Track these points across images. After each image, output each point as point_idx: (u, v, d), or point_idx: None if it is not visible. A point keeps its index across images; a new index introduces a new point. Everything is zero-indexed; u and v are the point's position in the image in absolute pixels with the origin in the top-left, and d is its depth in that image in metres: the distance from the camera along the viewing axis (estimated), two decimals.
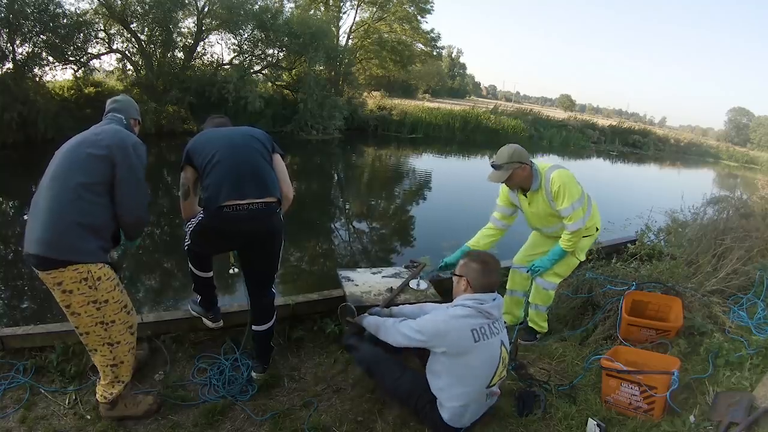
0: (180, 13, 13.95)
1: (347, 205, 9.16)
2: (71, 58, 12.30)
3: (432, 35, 24.79)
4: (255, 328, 2.27)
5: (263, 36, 15.47)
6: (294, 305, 2.74)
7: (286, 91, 16.89)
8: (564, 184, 2.42)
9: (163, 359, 2.40)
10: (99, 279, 1.75)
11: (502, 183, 2.57)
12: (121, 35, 13.52)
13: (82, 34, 12.20)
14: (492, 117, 22.33)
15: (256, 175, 1.99)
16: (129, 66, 14.17)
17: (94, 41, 12.81)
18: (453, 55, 57.89)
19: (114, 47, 13.50)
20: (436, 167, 14.18)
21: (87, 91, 12.74)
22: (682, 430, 1.88)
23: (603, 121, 30.51)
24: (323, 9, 21.40)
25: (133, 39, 13.59)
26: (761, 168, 26.84)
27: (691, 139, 32.33)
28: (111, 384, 1.92)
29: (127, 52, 13.84)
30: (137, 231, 1.95)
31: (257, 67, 16.35)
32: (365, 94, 22.29)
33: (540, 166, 2.53)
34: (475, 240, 2.80)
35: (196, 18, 14.47)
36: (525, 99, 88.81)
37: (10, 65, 10.91)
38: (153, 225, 6.38)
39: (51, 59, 11.69)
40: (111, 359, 1.88)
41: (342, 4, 21.57)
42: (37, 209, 1.72)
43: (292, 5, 19.50)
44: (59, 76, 12.50)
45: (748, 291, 3.10)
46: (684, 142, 29.97)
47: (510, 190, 2.65)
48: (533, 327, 2.84)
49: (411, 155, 16.39)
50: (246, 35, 15.44)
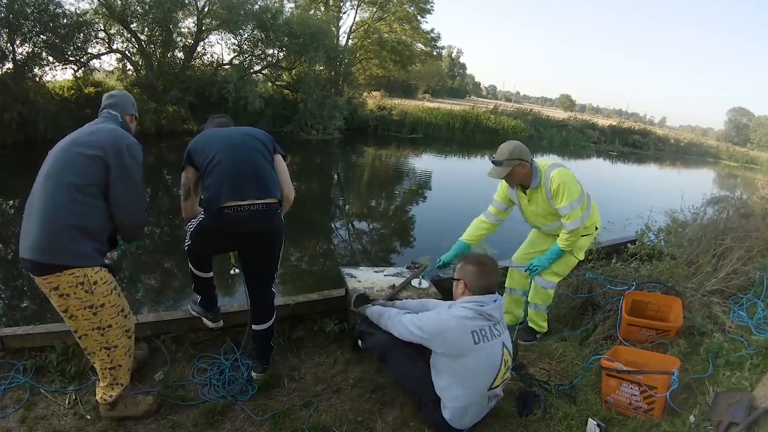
0: (180, 13, 13.96)
1: (347, 205, 9.16)
2: (71, 58, 12.32)
3: (432, 35, 24.86)
4: (255, 327, 2.27)
5: (263, 36, 15.48)
6: (294, 305, 2.74)
7: (286, 91, 16.90)
8: (563, 182, 2.43)
9: (163, 359, 2.40)
10: (95, 283, 1.72)
11: (501, 179, 2.57)
12: (121, 35, 13.54)
13: (82, 34, 12.21)
14: (492, 117, 22.36)
15: (256, 176, 1.99)
16: (129, 66, 14.19)
17: (94, 41, 12.84)
18: (453, 55, 57.92)
19: (114, 47, 13.53)
20: (436, 167, 14.18)
21: (87, 91, 12.75)
22: (682, 430, 1.88)
23: (603, 121, 30.53)
24: (323, 9, 21.41)
25: (133, 39, 13.61)
26: (761, 168, 26.84)
27: (691, 139, 32.36)
28: (110, 386, 1.92)
29: (127, 52, 13.85)
30: (134, 234, 1.91)
31: (257, 67, 16.38)
32: (365, 94, 22.31)
33: (540, 164, 2.54)
34: (468, 233, 2.80)
35: (196, 18, 14.49)
36: (525, 99, 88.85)
37: (10, 65, 10.92)
38: (153, 225, 6.39)
39: (51, 59, 11.70)
40: (109, 362, 1.87)
41: (342, 4, 21.59)
42: (31, 211, 1.68)
43: (292, 5, 19.58)
44: (59, 76, 12.56)
45: (748, 291, 3.09)
46: (684, 142, 30.00)
47: (510, 187, 2.66)
48: (533, 327, 2.85)
49: (411, 155, 16.39)
50: (246, 35, 15.47)
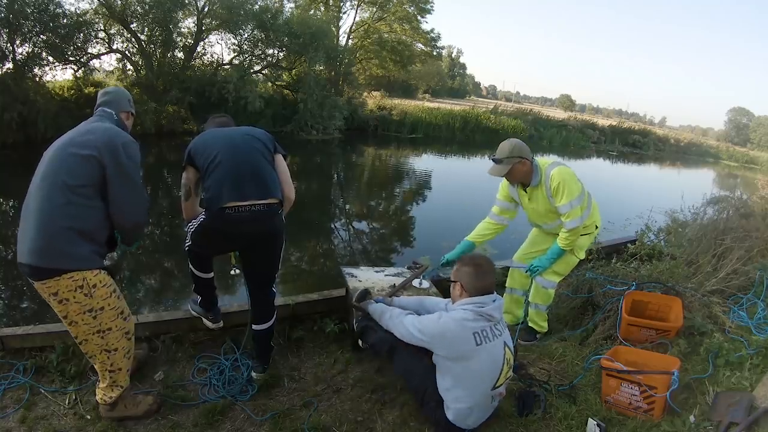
0: (180, 13, 13.97)
1: (347, 205, 9.16)
2: (71, 58, 12.32)
3: (432, 35, 24.87)
4: (255, 327, 2.27)
5: (263, 36, 15.49)
6: (294, 305, 2.74)
7: (286, 91, 16.90)
8: (564, 180, 2.43)
9: (163, 359, 2.40)
10: (95, 286, 1.71)
11: (502, 177, 2.57)
12: (121, 35, 13.54)
13: (82, 34, 12.21)
14: (492, 117, 22.34)
15: (256, 176, 1.99)
16: (129, 66, 14.20)
17: (94, 41, 12.85)
18: (453, 55, 57.92)
19: (114, 47, 13.53)
20: (436, 167, 14.18)
21: (87, 91, 12.73)
22: (682, 430, 1.88)
23: (603, 121, 30.51)
24: (323, 9, 21.41)
25: (133, 39, 13.61)
26: (761, 168, 26.83)
27: (691, 139, 32.34)
28: (110, 387, 1.92)
29: (127, 52, 13.86)
30: (135, 234, 1.88)
31: (257, 67, 16.38)
32: (365, 94, 22.31)
33: (541, 162, 2.54)
34: (475, 234, 2.79)
35: (196, 18, 14.50)
36: (525, 99, 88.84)
37: (10, 65, 10.92)
38: (153, 225, 6.38)
39: (51, 59, 11.70)
40: (109, 365, 1.87)
41: (342, 4, 21.59)
42: (28, 214, 1.66)
43: (292, 5, 19.57)
44: (59, 76, 12.56)
45: (748, 291, 3.09)
46: (684, 142, 29.98)
47: (510, 185, 2.66)
48: (533, 327, 2.84)
49: (411, 155, 16.38)
50: (246, 35, 15.47)
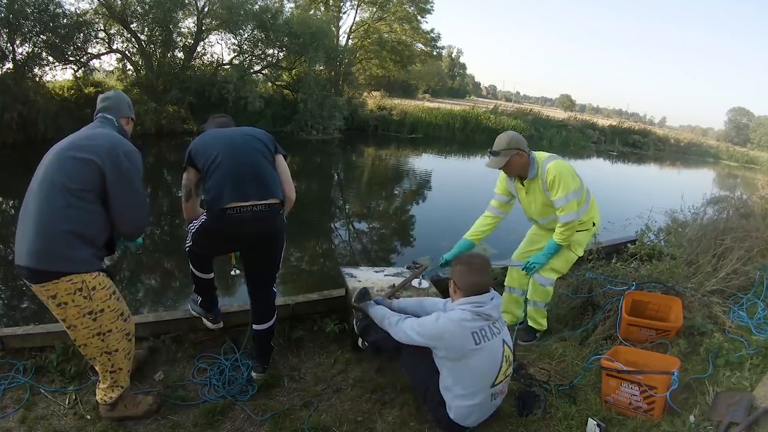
0: (180, 13, 13.97)
1: (347, 205, 9.16)
2: (71, 58, 12.32)
3: (432, 35, 24.86)
4: (255, 327, 2.27)
5: (263, 36, 15.49)
6: (294, 305, 2.74)
7: (286, 91, 16.90)
8: (560, 174, 2.43)
9: (163, 359, 2.41)
10: (94, 288, 1.71)
11: (500, 169, 2.57)
12: (121, 35, 13.54)
13: (82, 34, 12.21)
14: (492, 117, 22.34)
15: (257, 176, 1.99)
16: (129, 66, 14.20)
17: (94, 41, 12.85)
18: (453, 55, 57.91)
19: (114, 47, 13.54)
20: (436, 167, 14.18)
21: (87, 91, 12.73)
22: (682, 430, 1.88)
23: (603, 121, 30.50)
24: (323, 9, 21.41)
25: (133, 39, 13.61)
26: (761, 168, 26.82)
27: (691, 139, 32.32)
28: (110, 388, 1.92)
29: (127, 52, 13.86)
30: (137, 235, 1.92)
31: (257, 67, 16.38)
32: (365, 94, 22.31)
33: (538, 155, 2.55)
34: (473, 231, 2.80)
35: (196, 18, 14.50)
36: (525, 99, 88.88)
37: (10, 65, 10.92)
38: (153, 225, 6.38)
39: (51, 59, 11.70)
40: (110, 366, 1.87)
41: (342, 4, 21.59)
42: (27, 216, 1.66)
43: (292, 5, 19.58)
44: (59, 76, 12.56)
45: (748, 291, 3.09)
46: (684, 142, 29.97)
47: (508, 178, 2.67)
48: (532, 325, 2.84)
49: (411, 155, 16.38)
50: (246, 35, 15.47)
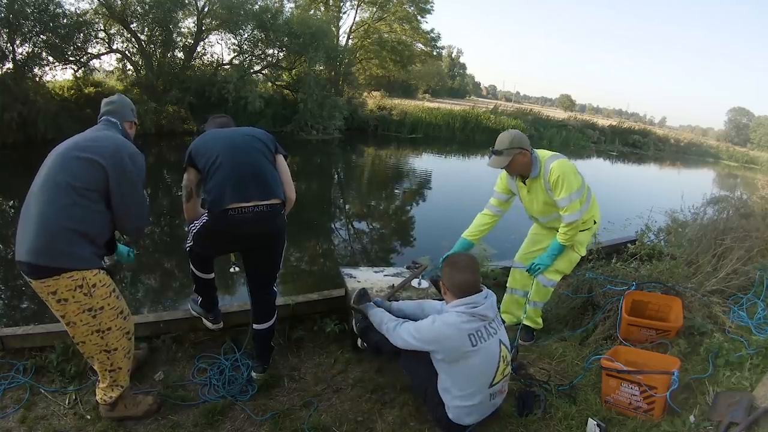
0: (180, 13, 13.98)
1: (347, 205, 9.17)
2: (71, 58, 12.33)
3: (432, 35, 24.87)
4: (256, 326, 2.27)
5: (263, 36, 15.49)
6: (294, 305, 2.74)
7: (286, 91, 16.91)
8: (563, 173, 2.40)
9: (163, 359, 2.41)
10: (94, 286, 1.71)
11: (502, 169, 2.53)
12: (121, 35, 13.55)
13: (82, 34, 12.22)
14: (492, 117, 22.34)
15: (258, 176, 1.99)
16: (129, 66, 14.21)
17: (94, 41, 12.86)
18: (453, 55, 57.92)
19: (114, 47, 13.55)
20: (436, 167, 14.18)
21: (87, 91, 12.76)
22: (682, 430, 1.88)
23: (603, 121, 30.51)
24: (323, 9, 21.41)
25: (133, 39, 13.62)
26: (761, 168, 26.83)
27: (691, 139, 32.33)
28: (110, 387, 1.91)
29: (127, 52, 13.87)
30: (138, 237, 1.96)
31: (257, 67, 16.39)
32: (365, 94, 22.32)
33: (540, 154, 2.52)
34: (472, 229, 2.77)
35: (196, 18, 14.50)
36: (525, 99, 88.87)
37: (10, 65, 10.93)
38: (153, 225, 6.38)
39: (51, 59, 11.71)
40: (109, 365, 1.87)
41: (342, 4, 21.59)
42: (29, 214, 1.66)
43: (292, 5, 19.58)
44: (59, 76, 12.58)
45: (748, 291, 3.09)
46: (684, 142, 29.98)
47: (509, 176, 2.64)
48: (529, 324, 2.84)
49: (411, 155, 16.39)
50: (246, 35, 15.48)
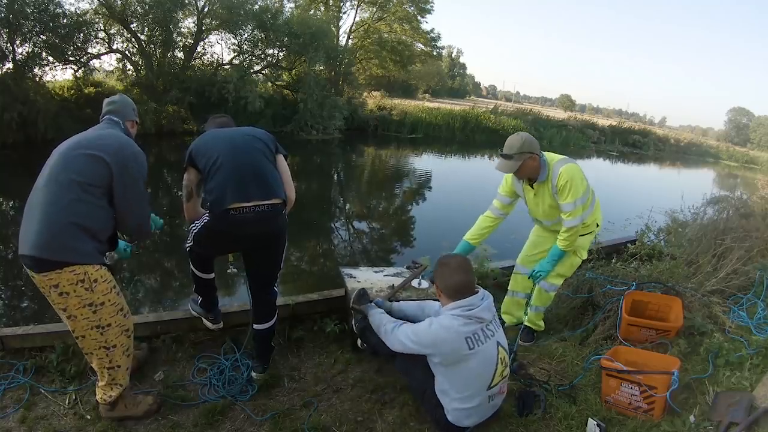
0: (180, 13, 13.98)
1: (347, 205, 9.17)
2: (71, 58, 12.33)
3: (432, 35, 24.86)
4: (256, 326, 2.27)
5: (263, 36, 15.49)
6: (294, 305, 2.74)
7: (286, 91, 16.91)
8: (572, 179, 2.38)
9: (163, 359, 2.41)
10: (96, 281, 1.72)
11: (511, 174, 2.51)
12: (121, 35, 13.56)
13: (82, 34, 12.23)
14: (492, 117, 22.33)
15: (258, 176, 1.99)
16: (129, 66, 14.21)
17: (94, 41, 12.87)
18: (453, 55, 57.92)
19: (114, 47, 13.55)
20: (436, 167, 14.18)
21: (87, 91, 12.77)
22: (682, 430, 1.88)
23: (603, 121, 30.50)
24: (323, 9, 21.41)
25: (133, 39, 13.62)
26: (761, 168, 26.83)
27: (691, 139, 32.33)
28: (109, 386, 1.91)
29: (127, 52, 13.87)
30: (139, 236, 1.95)
31: (257, 67, 16.39)
32: (365, 94, 22.31)
33: (549, 157, 2.49)
34: (474, 232, 2.74)
35: (196, 18, 14.51)
36: (525, 99, 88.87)
37: (10, 65, 10.93)
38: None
39: (51, 59, 11.72)
40: (108, 362, 1.87)
41: (342, 4, 21.59)
42: (33, 209, 1.69)
43: (292, 5, 19.57)
44: (59, 76, 12.59)
45: (748, 291, 3.09)
46: (684, 142, 29.98)
47: (516, 179, 2.61)
48: (530, 326, 2.84)
49: (411, 155, 16.39)
50: (246, 35, 15.48)
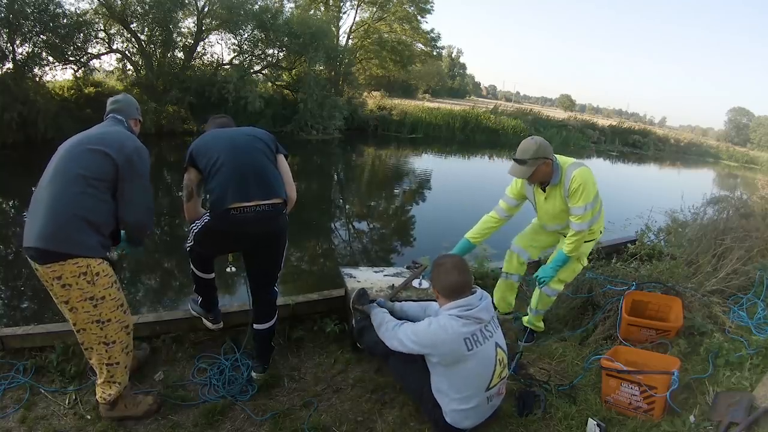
0: (180, 13, 13.98)
1: (347, 205, 9.17)
2: (71, 58, 12.34)
3: (432, 35, 24.87)
4: (257, 326, 2.27)
5: (263, 36, 15.50)
6: (294, 305, 2.74)
7: (286, 91, 16.91)
8: (585, 182, 2.37)
9: (163, 359, 2.41)
10: (98, 274, 1.74)
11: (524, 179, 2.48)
12: (121, 35, 13.56)
13: (82, 34, 12.23)
14: (492, 117, 22.34)
15: (259, 176, 1.99)
16: (129, 66, 14.21)
17: (94, 41, 12.87)
18: (453, 55, 57.94)
19: (114, 47, 13.55)
20: (436, 167, 14.19)
21: (87, 91, 12.77)
22: (682, 430, 1.88)
23: (603, 121, 30.50)
24: (323, 9, 21.42)
25: (133, 39, 13.62)
26: (761, 168, 26.83)
27: (691, 139, 32.34)
28: (108, 384, 1.91)
29: (127, 52, 13.87)
30: (140, 233, 1.94)
31: (257, 67, 16.39)
32: (365, 94, 22.31)
33: (562, 161, 2.47)
34: (476, 230, 2.73)
35: (196, 18, 14.51)
36: (525, 99, 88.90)
37: (10, 65, 10.93)
38: (153, 224, 6.38)
39: (51, 59, 11.72)
40: (107, 358, 1.87)
41: (342, 4, 21.59)
42: (38, 204, 1.71)
43: (292, 5, 19.58)
44: (59, 76, 12.59)
45: (748, 291, 3.09)
46: (684, 142, 29.99)
47: (528, 183, 2.58)
48: (531, 328, 2.84)
49: (411, 155, 16.39)
50: (246, 35, 15.48)
